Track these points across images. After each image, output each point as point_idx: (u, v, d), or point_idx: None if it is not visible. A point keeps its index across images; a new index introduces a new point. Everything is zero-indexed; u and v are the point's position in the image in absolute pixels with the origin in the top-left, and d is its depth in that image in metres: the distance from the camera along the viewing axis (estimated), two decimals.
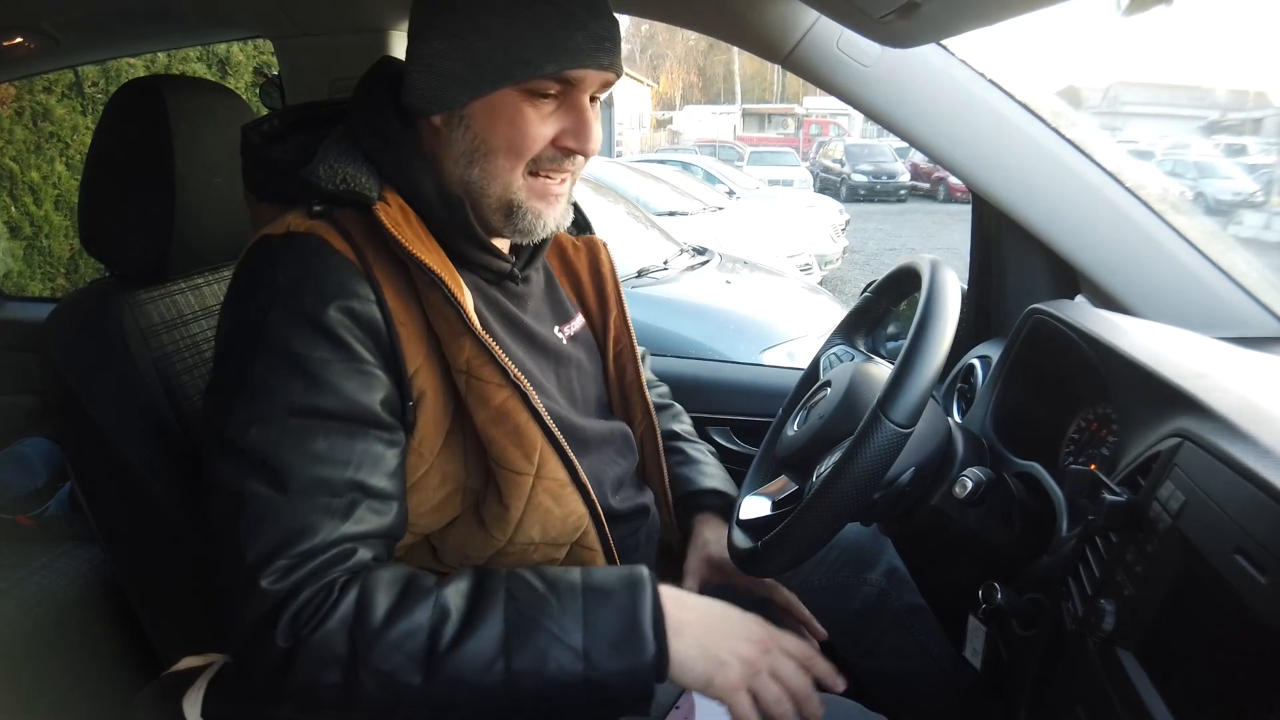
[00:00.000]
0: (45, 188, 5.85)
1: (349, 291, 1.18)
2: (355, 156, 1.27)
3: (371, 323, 1.19)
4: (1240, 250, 1.79)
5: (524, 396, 1.25)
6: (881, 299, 1.68)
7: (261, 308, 1.17)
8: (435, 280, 1.21)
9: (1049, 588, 1.22)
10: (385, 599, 1.10)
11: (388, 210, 1.23)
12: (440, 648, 1.09)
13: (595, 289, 1.63)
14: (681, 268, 5.89)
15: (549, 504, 1.29)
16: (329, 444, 1.14)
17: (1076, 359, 1.42)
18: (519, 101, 1.26)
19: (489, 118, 1.27)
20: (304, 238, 1.21)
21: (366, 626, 1.08)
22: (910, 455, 1.27)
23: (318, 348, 1.16)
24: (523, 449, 1.26)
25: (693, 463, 1.69)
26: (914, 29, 1.44)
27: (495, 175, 1.30)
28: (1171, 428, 1.07)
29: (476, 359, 1.23)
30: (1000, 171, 1.74)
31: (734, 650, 1.17)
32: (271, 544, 1.09)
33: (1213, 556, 0.88)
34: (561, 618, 1.12)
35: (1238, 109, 34.47)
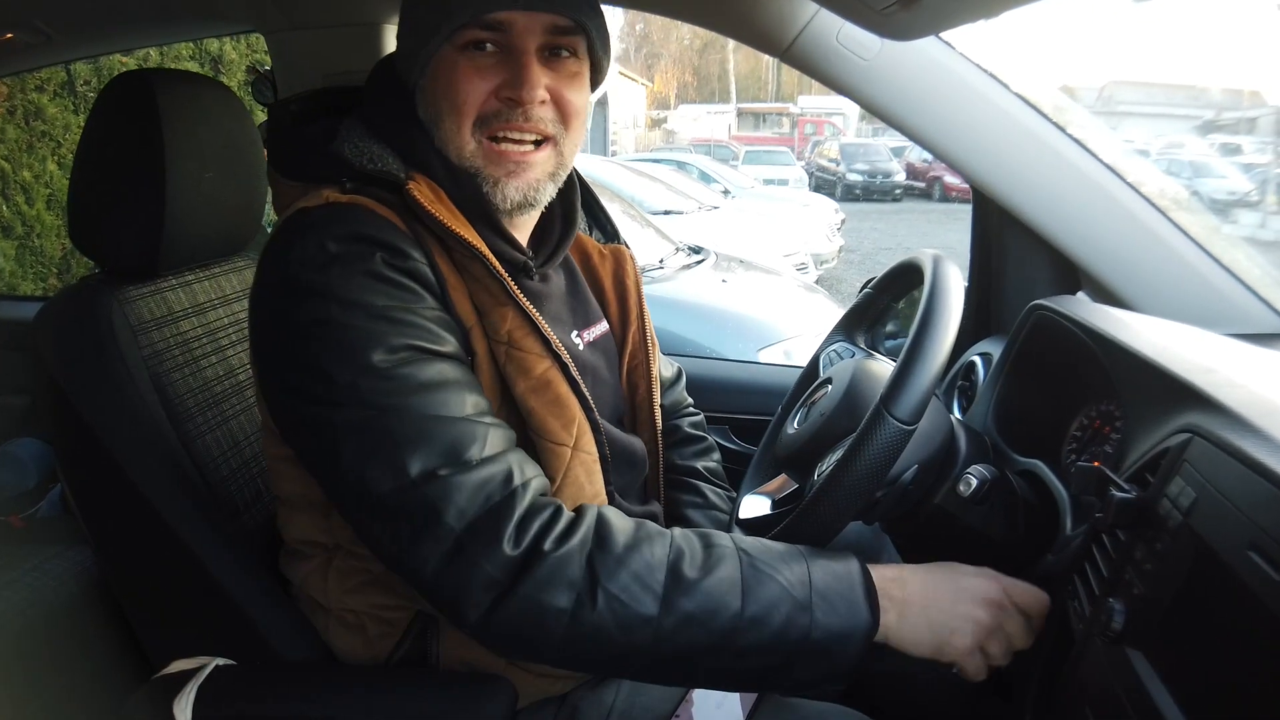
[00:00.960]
0: (37, 187, 5.83)
1: (402, 252, 1.19)
2: (377, 140, 1.28)
3: (428, 280, 1.20)
4: (1242, 246, 1.78)
5: (564, 367, 1.25)
6: (882, 295, 1.67)
7: (318, 271, 1.15)
8: (475, 253, 1.21)
9: (1053, 587, 1.21)
10: (624, 531, 1.12)
11: (420, 189, 1.23)
12: (681, 580, 1.09)
13: (618, 300, 1.59)
14: (677, 267, 5.90)
15: (583, 479, 1.28)
16: (434, 371, 1.15)
17: (1079, 355, 1.40)
18: (455, 57, 1.25)
19: (434, 81, 1.28)
20: (349, 206, 1.21)
21: (608, 553, 1.09)
22: (913, 453, 1.25)
23: (389, 296, 1.15)
24: (562, 420, 1.26)
25: (705, 508, 1.65)
26: (915, 21, 1.43)
27: (449, 140, 1.28)
28: (1180, 423, 1.05)
29: (519, 329, 1.24)
30: (1001, 166, 1.73)
31: (966, 615, 1.17)
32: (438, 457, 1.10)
33: (1225, 553, 0.86)
34: (792, 574, 1.13)
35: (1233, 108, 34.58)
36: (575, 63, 1.32)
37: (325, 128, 1.29)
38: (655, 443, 1.57)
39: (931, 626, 1.16)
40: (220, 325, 1.70)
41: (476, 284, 1.24)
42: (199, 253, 1.65)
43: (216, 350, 1.67)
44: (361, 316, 1.13)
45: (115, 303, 1.49)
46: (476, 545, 1.07)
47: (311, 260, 1.16)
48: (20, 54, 2.45)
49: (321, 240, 1.17)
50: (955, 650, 1.16)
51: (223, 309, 1.72)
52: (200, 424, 1.57)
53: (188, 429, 1.53)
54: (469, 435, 1.12)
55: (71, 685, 1.96)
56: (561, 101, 1.30)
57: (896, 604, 1.16)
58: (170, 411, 1.52)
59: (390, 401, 1.11)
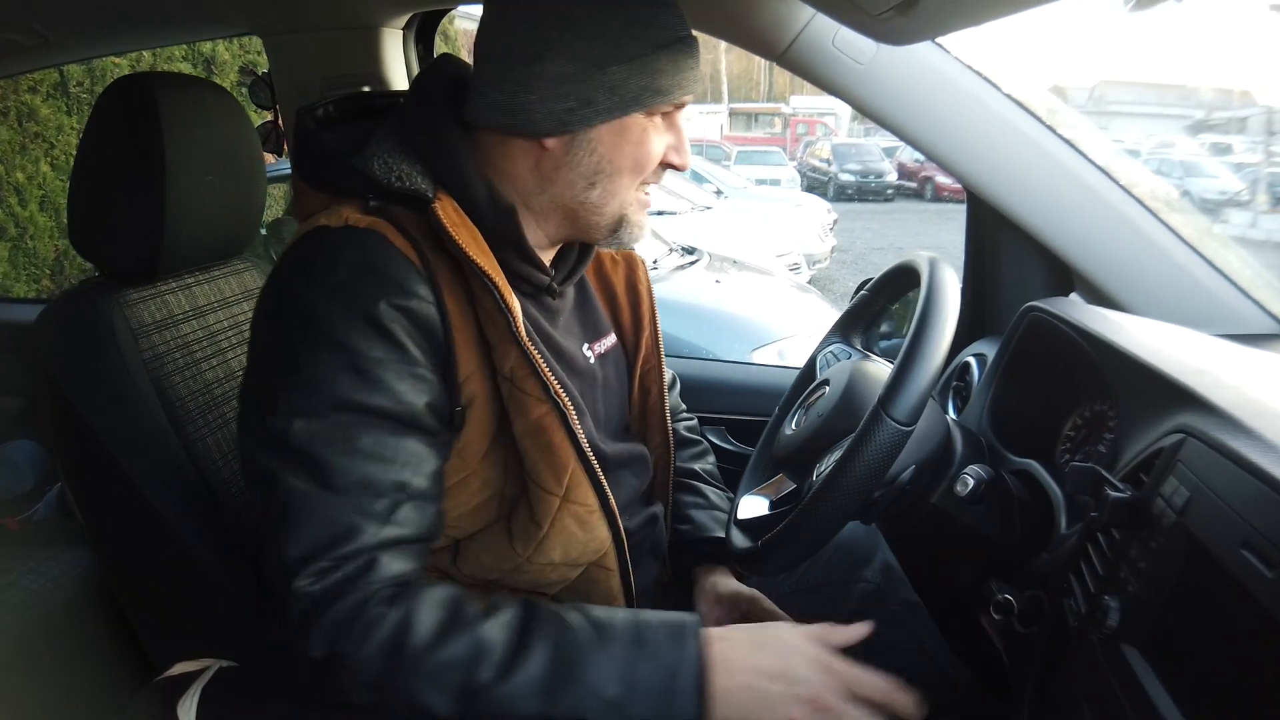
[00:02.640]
0: (30, 188, 5.82)
1: (409, 291, 1.17)
2: (409, 154, 1.26)
3: (429, 324, 1.19)
4: (1233, 247, 1.79)
5: (562, 415, 1.23)
6: (878, 297, 1.68)
7: (319, 299, 1.16)
8: (489, 285, 1.19)
9: (1049, 585, 1.22)
10: (427, 625, 1.10)
11: (445, 210, 1.22)
12: (477, 683, 1.09)
13: (630, 306, 1.61)
14: (671, 267, 5.90)
15: (574, 528, 1.28)
16: (375, 441, 1.14)
17: (1073, 356, 1.41)
18: (645, 123, 1.28)
19: (616, 139, 1.27)
20: (365, 233, 1.19)
21: (405, 653, 1.08)
22: (911, 453, 1.26)
23: (374, 346, 1.15)
24: (553, 470, 1.24)
25: (707, 508, 1.66)
26: (911, 26, 1.44)
27: (615, 194, 1.31)
28: (1173, 423, 1.07)
29: (520, 369, 1.22)
30: (995, 169, 1.74)
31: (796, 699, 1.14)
32: (311, 544, 1.10)
33: (1219, 552, 0.87)
34: (604, 672, 1.11)
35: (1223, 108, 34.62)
36: None
37: (347, 134, 1.28)
38: (666, 444, 1.58)
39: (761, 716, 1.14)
40: (220, 328, 1.70)
41: (487, 316, 1.23)
42: (199, 256, 1.65)
43: (217, 353, 1.67)
44: (337, 361, 1.14)
45: (115, 306, 1.50)
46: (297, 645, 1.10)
47: (319, 284, 1.17)
48: (16, 56, 2.44)
49: (333, 266, 1.17)
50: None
51: (222, 311, 1.72)
52: (201, 426, 1.58)
53: (189, 431, 1.54)
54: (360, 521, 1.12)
55: (71, 687, 1.96)
56: None
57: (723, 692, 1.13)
58: (171, 414, 1.52)
59: (317, 453, 1.12)
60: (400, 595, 1.12)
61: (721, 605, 1.53)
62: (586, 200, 1.30)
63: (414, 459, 1.17)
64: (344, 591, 1.09)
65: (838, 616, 1.66)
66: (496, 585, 1.33)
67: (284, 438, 1.13)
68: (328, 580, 1.09)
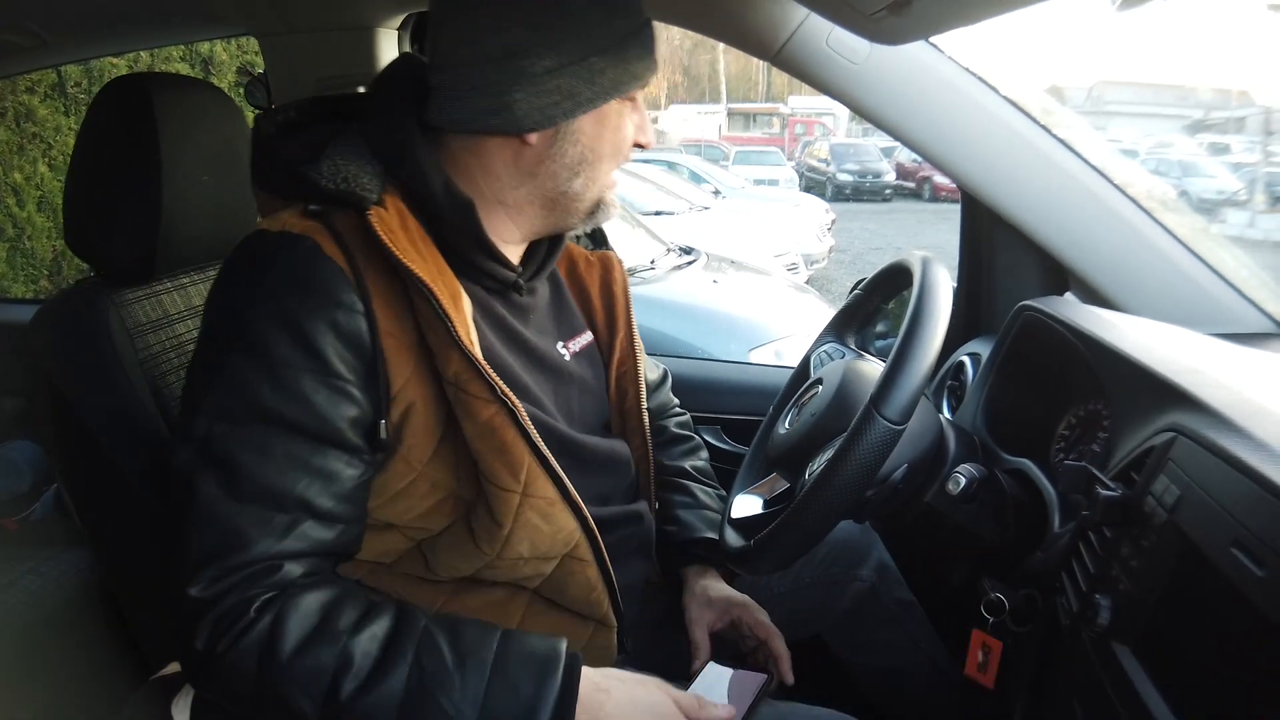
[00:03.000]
0: (28, 189, 5.81)
1: (336, 300, 1.16)
2: (363, 154, 1.26)
3: (354, 335, 1.17)
4: (1229, 247, 1.79)
5: (511, 413, 1.22)
6: (872, 296, 1.68)
7: (246, 304, 1.17)
8: (425, 292, 1.18)
9: (1042, 583, 1.22)
10: (297, 631, 1.10)
11: (383, 215, 1.20)
12: (339, 697, 1.09)
13: (605, 307, 1.59)
14: (668, 267, 5.90)
15: (537, 522, 1.27)
16: (286, 454, 1.14)
17: (1067, 355, 1.42)
18: (620, 108, 1.33)
19: (598, 127, 1.31)
20: (297, 239, 1.18)
21: (275, 657, 1.09)
22: (903, 452, 1.27)
23: (295, 355, 1.14)
24: (509, 467, 1.23)
25: (695, 508, 1.65)
26: (905, 26, 1.44)
27: (597, 179, 1.35)
28: (1165, 422, 1.07)
29: (465, 373, 1.20)
30: (989, 169, 1.74)
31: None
32: (206, 550, 1.11)
33: (1209, 550, 0.88)
34: (460, 698, 1.11)
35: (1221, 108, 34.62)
36: None
37: (311, 138, 1.27)
38: (645, 447, 1.57)
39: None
40: None
41: (426, 322, 1.21)
42: (195, 256, 1.65)
43: None
44: (258, 367, 1.14)
45: (111, 306, 1.50)
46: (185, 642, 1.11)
47: (248, 290, 1.18)
48: (13, 57, 2.44)
49: (263, 273, 1.18)
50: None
51: None
52: None
53: None
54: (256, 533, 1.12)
55: (69, 687, 1.96)
56: None
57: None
58: (167, 413, 1.52)
59: (227, 456, 1.13)
60: (278, 599, 1.12)
61: (713, 609, 1.53)
62: (569, 189, 1.33)
63: (324, 476, 1.16)
64: (228, 594, 1.10)
65: (832, 615, 1.67)
66: (476, 582, 1.33)
67: (201, 437, 1.14)
68: (216, 587, 1.10)
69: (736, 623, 1.52)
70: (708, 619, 1.52)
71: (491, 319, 1.34)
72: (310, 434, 1.15)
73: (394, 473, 1.24)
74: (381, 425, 1.20)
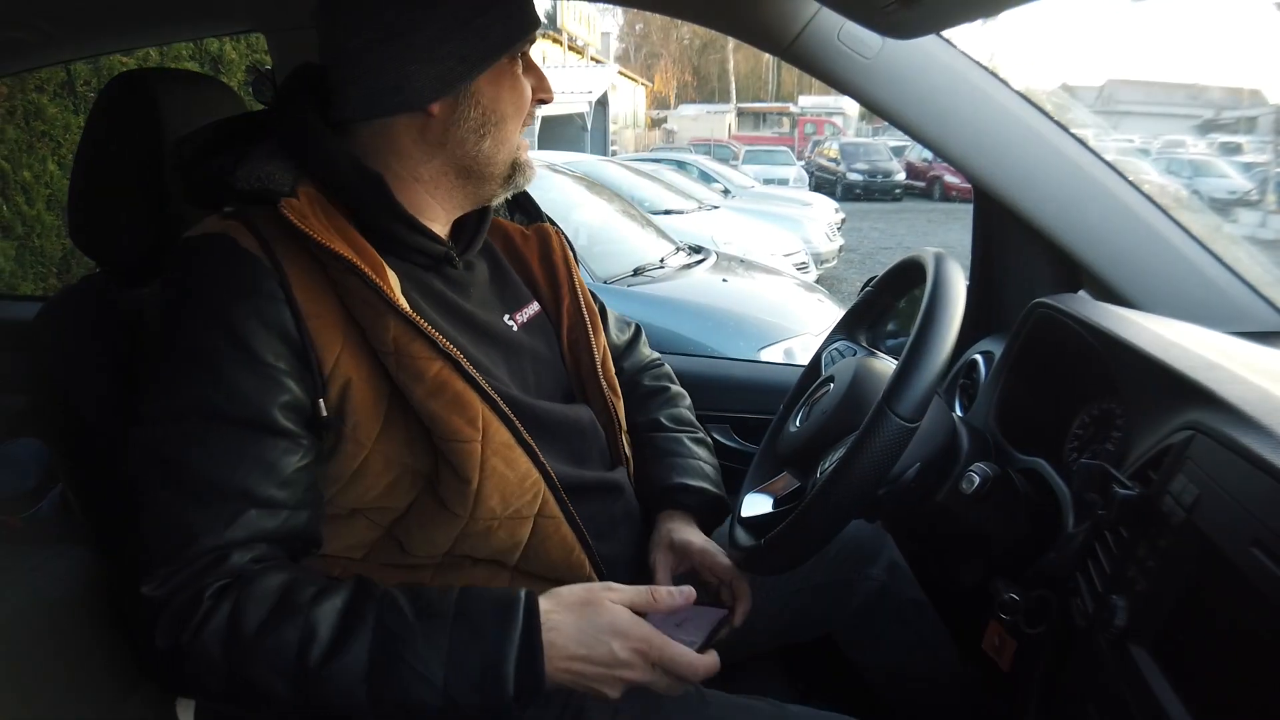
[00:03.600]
0: (37, 187, 5.83)
1: (256, 290, 1.20)
2: (277, 155, 1.30)
3: (278, 322, 1.20)
4: (1243, 245, 1.78)
5: (456, 364, 1.24)
6: (884, 293, 1.67)
7: (176, 307, 1.22)
8: (350, 267, 1.21)
9: (1056, 584, 1.21)
10: (257, 612, 1.11)
11: (294, 204, 1.24)
12: (308, 666, 1.10)
13: (547, 278, 1.61)
14: (678, 266, 5.90)
15: (503, 469, 1.27)
16: (223, 445, 1.16)
17: (1081, 353, 1.40)
18: (510, 65, 1.35)
19: (494, 87, 1.34)
20: (215, 238, 1.23)
21: (239, 638, 1.10)
22: (915, 451, 1.25)
23: (223, 347, 1.17)
24: (465, 415, 1.24)
25: (661, 457, 1.64)
26: (916, 19, 1.43)
27: (505, 140, 1.37)
28: (1183, 420, 1.06)
29: (403, 335, 1.23)
30: (1002, 165, 1.73)
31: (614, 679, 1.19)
32: (157, 549, 1.13)
33: (1228, 550, 0.86)
34: (426, 652, 1.12)
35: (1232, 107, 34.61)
36: None
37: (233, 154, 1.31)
38: (609, 413, 1.56)
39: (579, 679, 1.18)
40: None
41: (354, 298, 1.24)
42: None
43: None
44: (189, 365, 1.18)
45: (116, 302, 1.49)
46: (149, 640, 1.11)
47: (174, 293, 1.25)
48: (20, 53, 2.44)
49: (186, 274, 1.24)
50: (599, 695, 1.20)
51: None
52: None
53: None
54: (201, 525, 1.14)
55: (72, 685, 1.95)
56: None
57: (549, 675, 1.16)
58: None
59: (168, 454, 1.16)
60: (232, 587, 1.13)
61: (673, 553, 1.51)
62: (479, 153, 1.36)
63: (263, 464, 1.18)
64: (182, 588, 1.11)
65: (843, 614, 1.66)
66: (456, 562, 1.34)
67: (145, 439, 1.17)
68: (169, 584, 1.11)
69: (698, 568, 1.50)
70: (668, 563, 1.50)
71: (427, 293, 1.36)
72: (245, 423, 1.17)
73: (346, 454, 1.26)
74: (320, 404, 1.22)
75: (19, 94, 5.67)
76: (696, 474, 1.61)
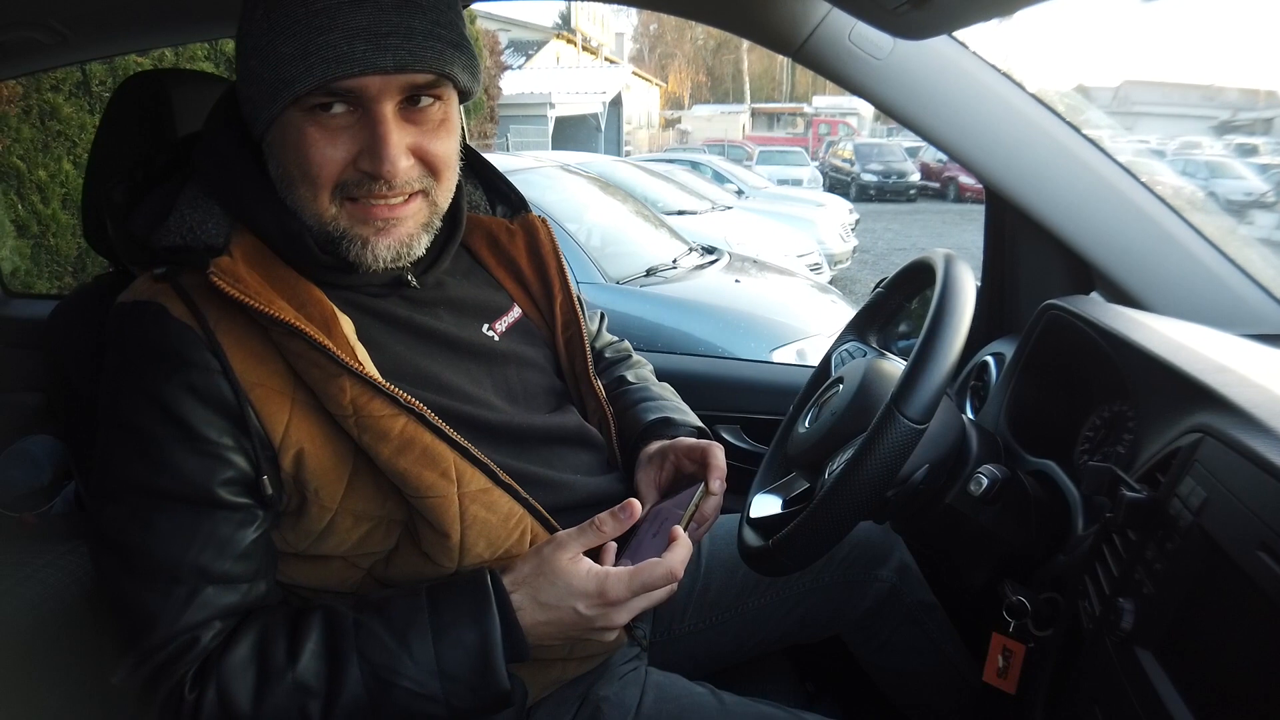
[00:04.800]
0: (52, 186, 5.87)
1: (188, 362, 1.12)
2: (205, 200, 1.21)
3: (215, 395, 1.13)
4: (1258, 247, 1.77)
5: (421, 417, 1.17)
6: (894, 295, 1.66)
7: (110, 380, 1.17)
8: (291, 330, 1.12)
9: (1065, 587, 1.20)
10: (245, 688, 1.11)
11: (226, 265, 1.15)
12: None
13: (536, 273, 1.52)
14: (691, 266, 5.90)
15: (484, 515, 1.22)
16: (171, 525, 1.13)
17: (1092, 355, 1.40)
18: (302, 123, 1.14)
19: (281, 145, 1.17)
20: (144, 307, 1.16)
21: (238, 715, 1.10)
22: (924, 452, 1.25)
23: (158, 425, 1.12)
24: (438, 468, 1.18)
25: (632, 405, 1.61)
26: (927, 20, 1.42)
27: (303, 205, 1.18)
28: (1192, 423, 1.05)
29: (361, 395, 1.14)
30: (1015, 166, 1.72)
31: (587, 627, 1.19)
32: (125, 635, 1.13)
33: (1236, 553, 0.86)
34: (417, 672, 1.13)
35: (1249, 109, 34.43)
36: (440, 107, 1.21)
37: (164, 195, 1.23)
38: (603, 410, 1.52)
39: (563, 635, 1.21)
40: None
41: (301, 360, 1.14)
42: None
43: None
44: (129, 443, 1.14)
45: None
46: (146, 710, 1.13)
47: (109, 366, 1.18)
48: (35, 54, 2.45)
49: (120, 346, 1.17)
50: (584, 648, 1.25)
51: None
52: None
53: None
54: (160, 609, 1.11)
55: (86, 680, 1.96)
56: (427, 156, 1.20)
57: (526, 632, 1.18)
58: None
59: (119, 536, 1.13)
60: (206, 671, 1.12)
61: (651, 464, 1.48)
62: (290, 208, 1.20)
63: (215, 541, 1.14)
64: (157, 682, 1.11)
65: (853, 615, 1.66)
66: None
67: (98, 520, 1.15)
68: (140, 673, 1.11)
69: (676, 463, 1.46)
70: (652, 479, 1.47)
71: (388, 321, 1.29)
72: (191, 501, 1.13)
73: (311, 515, 1.21)
74: (264, 481, 1.16)
75: (34, 94, 5.70)
76: (675, 411, 1.59)
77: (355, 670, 1.11)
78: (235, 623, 1.16)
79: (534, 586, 1.19)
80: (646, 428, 1.55)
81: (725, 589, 1.63)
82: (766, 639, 1.67)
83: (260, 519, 1.18)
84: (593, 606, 1.17)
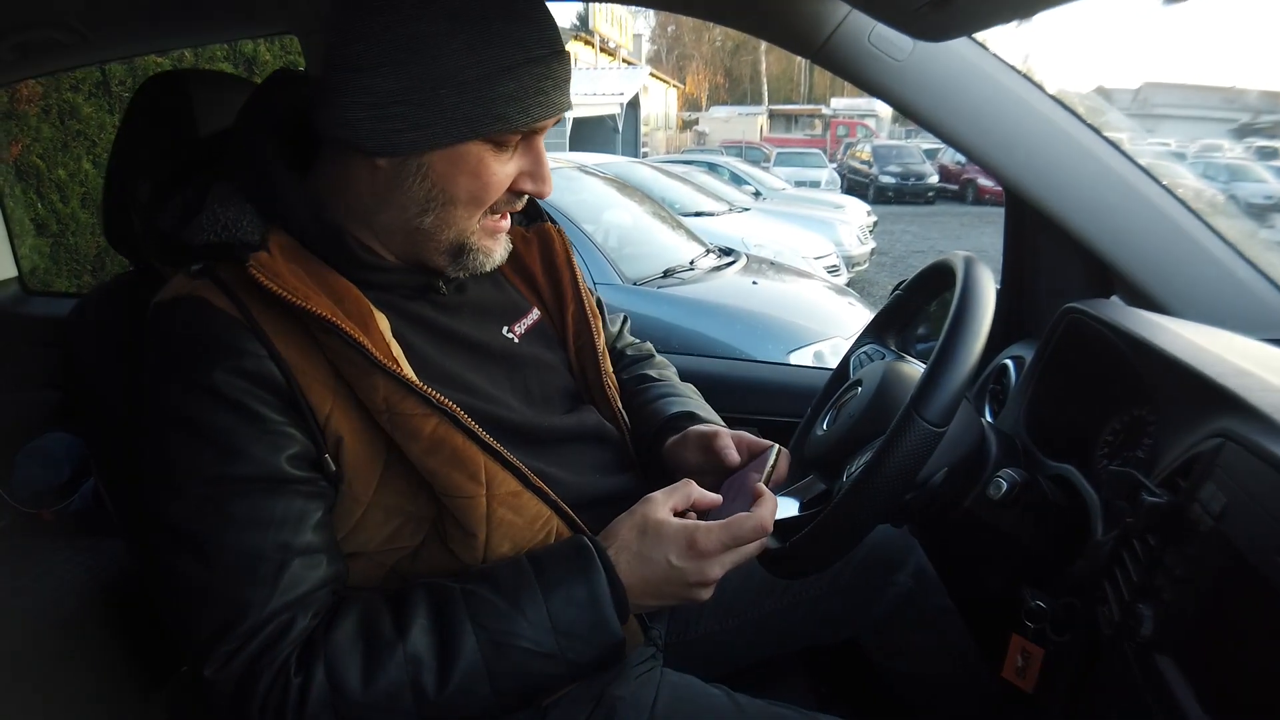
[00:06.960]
0: (72, 185, 5.89)
1: (240, 350, 1.14)
2: (236, 198, 1.22)
3: (267, 377, 1.15)
4: (1278, 250, 1.76)
5: (454, 418, 1.19)
6: (913, 297, 1.66)
7: (157, 381, 1.17)
8: (329, 327, 1.14)
9: (1084, 592, 1.20)
10: (354, 665, 1.10)
11: (265, 261, 1.16)
12: (429, 697, 1.10)
13: (550, 283, 1.55)
14: (708, 268, 5.89)
15: (510, 517, 1.23)
16: (247, 508, 1.12)
17: (1112, 359, 1.39)
18: (483, 152, 1.20)
19: (450, 167, 1.20)
20: (185, 302, 1.17)
21: (348, 701, 1.09)
22: (943, 455, 1.25)
23: (218, 414, 1.13)
24: (467, 471, 1.19)
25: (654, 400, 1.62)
26: (948, 22, 1.42)
27: (452, 223, 1.25)
28: (1213, 428, 1.04)
29: (394, 394, 1.17)
30: (1034, 168, 1.71)
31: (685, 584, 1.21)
32: (209, 629, 1.10)
33: (1256, 559, 0.85)
34: (533, 631, 1.14)
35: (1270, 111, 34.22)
36: None
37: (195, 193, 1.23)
38: (613, 413, 1.53)
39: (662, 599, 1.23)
40: None
41: (338, 356, 1.17)
42: None
43: None
44: (190, 438, 1.13)
45: (148, 300, 1.50)
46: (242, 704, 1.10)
47: (155, 365, 1.18)
48: (55, 54, 2.46)
49: (164, 344, 1.18)
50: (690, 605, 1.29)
51: None
52: None
53: None
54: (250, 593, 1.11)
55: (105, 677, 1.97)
56: None
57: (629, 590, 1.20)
58: None
59: (194, 531, 1.12)
60: (311, 648, 1.11)
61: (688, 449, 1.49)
62: (421, 225, 1.24)
63: (291, 517, 1.14)
64: (257, 671, 1.09)
65: (869, 619, 1.65)
66: None
67: (164, 522, 1.13)
68: (234, 664, 1.09)
69: (716, 449, 1.45)
70: (690, 461, 1.47)
71: (417, 324, 1.31)
72: (263, 484, 1.13)
73: (343, 509, 1.22)
74: (327, 460, 1.18)
75: (54, 93, 5.73)
76: (699, 408, 1.61)
77: (470, 638, 1.12)
78: (333, 603, 1.17)
79: (629, 542, 1.22)
80: (670, 419, 1.56)
81: (741, 591, 1.63)
82: (782, 642, 1.66)
83: (327, 494, 1.19)
84: (685, 558, 1.19)
